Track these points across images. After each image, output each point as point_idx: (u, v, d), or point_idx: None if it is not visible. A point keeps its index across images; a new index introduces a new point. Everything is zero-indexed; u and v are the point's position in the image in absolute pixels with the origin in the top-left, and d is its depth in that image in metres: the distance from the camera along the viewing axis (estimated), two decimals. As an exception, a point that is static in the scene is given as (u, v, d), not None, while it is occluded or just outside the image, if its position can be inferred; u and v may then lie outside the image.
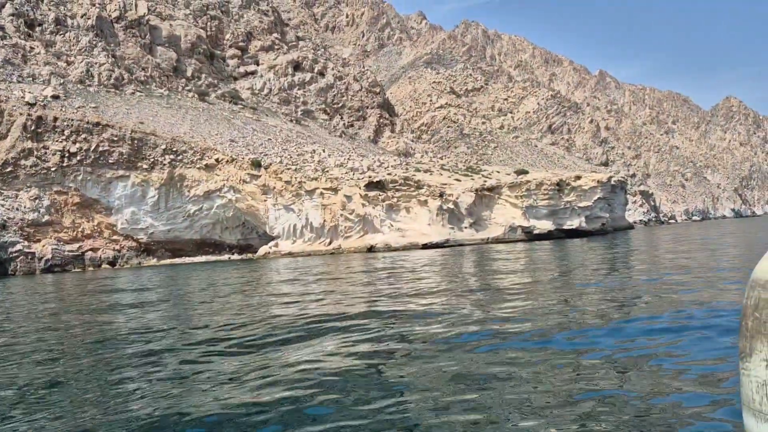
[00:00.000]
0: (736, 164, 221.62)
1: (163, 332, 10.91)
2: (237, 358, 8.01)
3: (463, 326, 9.23)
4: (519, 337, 8.19)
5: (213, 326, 11.25)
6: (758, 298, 2.09)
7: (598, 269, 19.63)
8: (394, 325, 9.83)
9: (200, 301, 17.25)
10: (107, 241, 56.90)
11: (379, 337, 8.81)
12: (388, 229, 48.17)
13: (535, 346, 7.52)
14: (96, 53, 67.05)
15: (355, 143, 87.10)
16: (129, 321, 13.35)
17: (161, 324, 12.24)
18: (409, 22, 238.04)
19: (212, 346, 9.01)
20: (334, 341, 8.73)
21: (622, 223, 75.18)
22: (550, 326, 8.83)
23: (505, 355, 7.17)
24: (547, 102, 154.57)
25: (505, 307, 11.13)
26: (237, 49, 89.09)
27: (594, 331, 8.30)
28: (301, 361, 7.44)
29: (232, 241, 62.74)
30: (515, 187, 52.47)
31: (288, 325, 10.68)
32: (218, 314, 13.39)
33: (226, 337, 9.75)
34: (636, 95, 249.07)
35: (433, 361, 7.00)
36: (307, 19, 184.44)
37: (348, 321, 10.57)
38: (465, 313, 10.68)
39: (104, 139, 56.21)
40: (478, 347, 7.63)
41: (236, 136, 65.64)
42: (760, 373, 2.05)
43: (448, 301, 12.88)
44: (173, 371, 7.46)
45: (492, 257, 30.00)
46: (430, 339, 8.38)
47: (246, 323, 11.22)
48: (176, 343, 9.62)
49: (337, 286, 19.20)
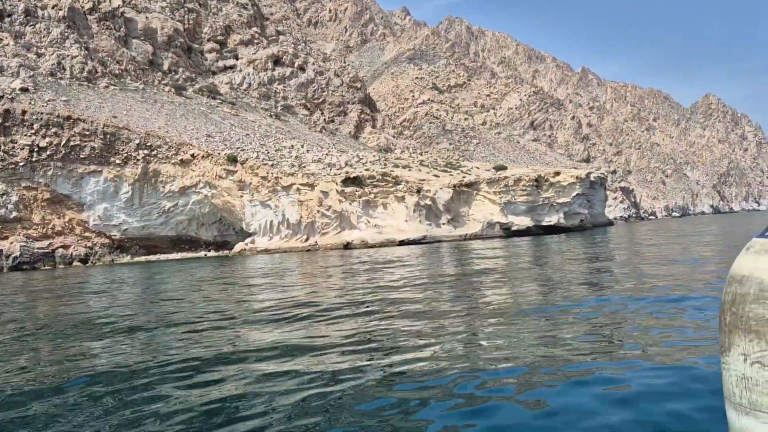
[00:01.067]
0: (715, 161, 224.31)
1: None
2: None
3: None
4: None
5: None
6: (735, 294, 2.12)
7: (574, 272, 19.24)
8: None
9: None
10: (79, 238, 55.62)
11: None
12: (365, 225, 47.56)
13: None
14: (68, 45, 65.48)
15: (335, 139, 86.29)
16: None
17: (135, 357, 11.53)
18: (393, 17, 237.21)
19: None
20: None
21: (601, 219, 75.27)
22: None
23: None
24: (530, 98, 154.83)
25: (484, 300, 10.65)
26: (215, 43, 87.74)
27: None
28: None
29: (208, 238, 61.72)
30: (493, 183, 52.09)
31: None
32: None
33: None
34: (618, 92, 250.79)
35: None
36: (290, 14, 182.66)
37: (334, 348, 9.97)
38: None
39: (75, 134, 54.89)
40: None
41: (213, 131, 64.57)
42: (738, 367, 2.08)
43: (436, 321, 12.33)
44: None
45: (469, 256, 29.57)
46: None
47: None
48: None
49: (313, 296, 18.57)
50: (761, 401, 2.05)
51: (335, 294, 14.87)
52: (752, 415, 2.08)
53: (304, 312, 11.12)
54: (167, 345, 8.83)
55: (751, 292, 2.09)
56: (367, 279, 18.54)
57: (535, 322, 8.58)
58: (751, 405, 2.08)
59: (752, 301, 2.08)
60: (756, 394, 2.06)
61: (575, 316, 8.81)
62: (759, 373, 2.04)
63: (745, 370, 2.08)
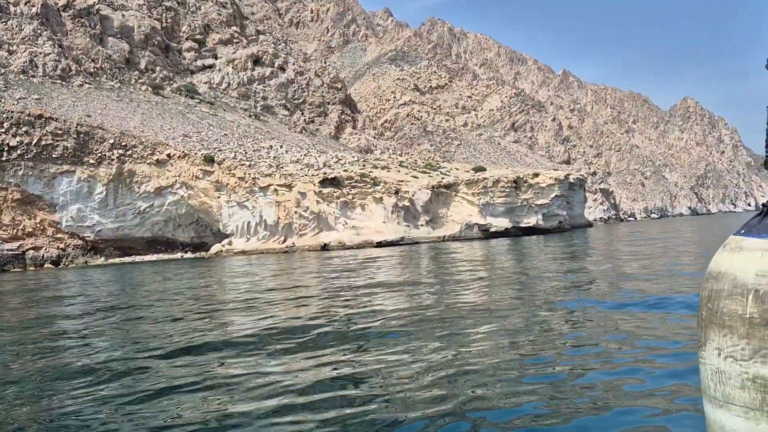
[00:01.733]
0: (693, 163, 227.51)
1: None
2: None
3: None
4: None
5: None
6: (711, 290, 2.18)
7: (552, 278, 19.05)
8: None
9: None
10: (51, 240, 54.43)
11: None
12: (343, 226, 47.11)
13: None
14: (41, 43, 64.15)
15: (315, 139, 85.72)
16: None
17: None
18: (375, 18, 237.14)
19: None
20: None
21: (581, 220, 75.64)
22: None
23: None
24: (511, 100, 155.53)
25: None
26: (194, 42, 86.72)
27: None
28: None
29: (185, 239, 60.81)
30: (472, 185, 51.95)
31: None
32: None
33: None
34: (598, 95, 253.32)
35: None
36: (271, 13, 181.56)
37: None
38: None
39: (47, 133, 53.74)
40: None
41: (190, 130, 63.68)
42: (713, 361, 2.14)
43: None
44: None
45: (446, 260, 29.32)
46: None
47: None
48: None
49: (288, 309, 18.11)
50: (733, 394, 2.10)
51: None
52: (725, 408, 2.13)
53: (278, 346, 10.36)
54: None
55: (725, 288, 2.14)
56: (344, 301, 18.13)
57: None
58: (724, 398, 2.13)
59: (726, 296, 2.13)
60: (729, 388, 2.11)
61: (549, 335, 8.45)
62: (731, 367, 2.09)
63: (719, 364, 2.13)
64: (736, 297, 2.11)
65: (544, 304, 10.38)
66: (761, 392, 2.04)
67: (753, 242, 2.20)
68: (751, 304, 2.07)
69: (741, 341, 2.08)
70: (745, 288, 2.10)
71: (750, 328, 2.07)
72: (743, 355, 2.07)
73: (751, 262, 2.13)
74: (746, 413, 2.08)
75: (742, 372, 2.07)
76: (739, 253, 2.18)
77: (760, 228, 2.24)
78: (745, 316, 2.08)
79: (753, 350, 2.06)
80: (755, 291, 2.07)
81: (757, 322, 2.05)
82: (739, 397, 2.09)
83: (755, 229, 2.25)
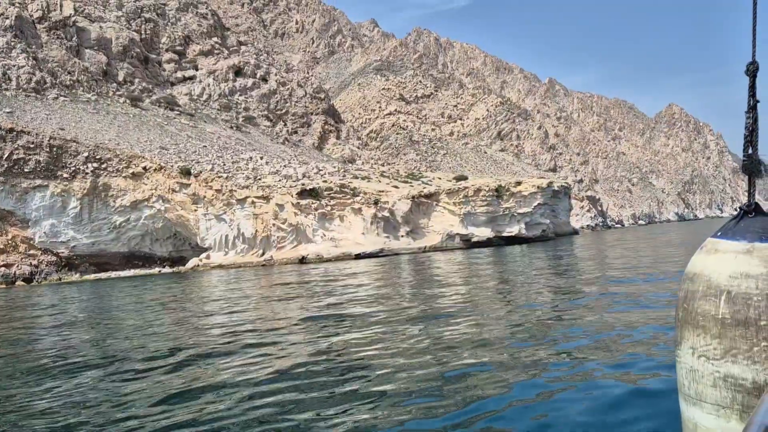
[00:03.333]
0: (679, 169, 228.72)
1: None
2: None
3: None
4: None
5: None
6: (687, 291, 2.26)
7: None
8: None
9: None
10: (23, 256, 52.98)
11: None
12: (321, 238, 46.09)
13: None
14: (14, 55, 62.97)
15: (298, 150, 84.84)
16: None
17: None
18: (362, 29, 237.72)
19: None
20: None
21: (566, 228, 75.03)
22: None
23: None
24: (496, 109, 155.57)
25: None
26: (174, 54, 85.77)
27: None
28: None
29: (163, 254, 59.51)
30: (453, 194, 51.12)
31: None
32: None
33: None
34: (584, 102, 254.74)
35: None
36: (256, 25, 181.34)
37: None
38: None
39: (19, 147, 52.50)
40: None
41: (168, 143, 62.59)
42: (687, 360, 2.23)
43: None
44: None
45: (427, 274, 28.45)
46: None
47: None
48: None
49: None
50: (706, 392, 2.16)
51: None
52: (698, 406, 2.20)
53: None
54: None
55: (700, 290, 2.20)
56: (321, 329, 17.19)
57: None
58: (697, 396, 2.20)
59: (700, 297, 2.19)
60: (701, 386, 2.17)
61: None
62: (704, 366, 2.16)
63: (693, 363, 2.20)
64: (710, 298, 2.15)
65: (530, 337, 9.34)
66: (732, 390, 2.09)
67: (728, 245, 2.24)
68: (724, 305, 2.12)
69: (713, 341, 2.13)
70: (718, 289, 2.14)
71: (722, 328, 2.11)
72: (715, 354, 2.13)
73: (724, 264, 2.17)
74: (717, 411, 2.12)
75: (714, 371, 2.13)
76: (714, 255, 2.23)
77: (735, 231, 2.28)
78: (717, 317, 2.12)
79: (724, 350, 2.11)
80: (728, 292, 2.12)
81: (729, 323, 2.10)
82: (711, 395, 2.14)
83: (731, 232, 2.29)
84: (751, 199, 2.46)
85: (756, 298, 2.08)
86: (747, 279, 2.12)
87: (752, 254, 2.16)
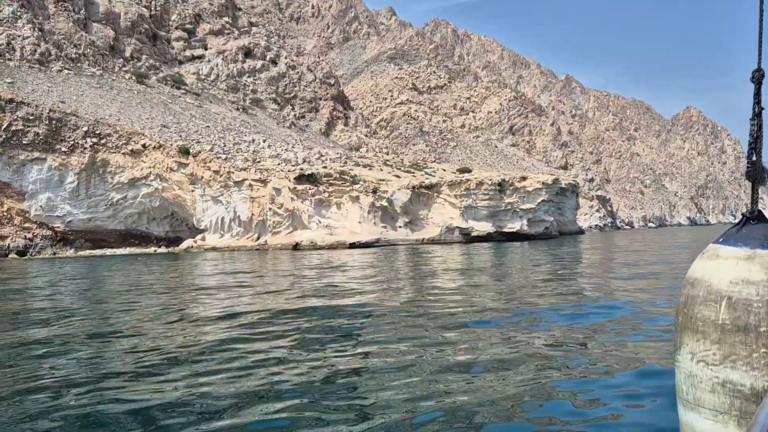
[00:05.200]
0: (693, 173, 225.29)
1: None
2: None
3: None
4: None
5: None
6: (687, 296, 2.26)
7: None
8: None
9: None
10: (18, 229, 52.50)
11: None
12: (316, 225, 45.08)
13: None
14: (20, 25, 62.24)
15: (304, 135, 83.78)
16: None
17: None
18: (379, 17, 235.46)
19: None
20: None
21: (571, 227, 73.52)
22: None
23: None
24: (510, 103, 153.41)
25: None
26: (183, 32, 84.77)
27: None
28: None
29: (160, 233, 58.86)
30: (455, 186, 49.82)
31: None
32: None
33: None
34: (600, 101, 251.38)
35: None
36: (271, 8, 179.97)
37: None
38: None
39: (18, 118, 51.84)
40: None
41: (170, 121, 61.75)
42: (686, 365, 2.22)
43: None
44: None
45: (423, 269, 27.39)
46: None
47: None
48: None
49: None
50: (704, 398, 2.15)
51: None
52: (696, 411, 2.19)
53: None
54: None
55: (700, 295, 2.20)
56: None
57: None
58: (696, 401, 2.19)
59: (701, 303, 2.19)
60: (700, 391, 2.17)
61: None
62: (703, 371, 2.15)
63: (692, 368, 2.19)
64: (710, 303, 2.15)
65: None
66: (730, 396, 2.09)
67: (729, 250, 2.23)
68: (724, 311, 2.12)
69: (713, 346, 2.13)
70: (719, 295, 2.15)
71: (722, 333, 2.12)
72: (714, 359, 2.13)
73: (725, 270, 2.17)
74: (715, 416, 2.12)
75: (712, 376, 2.13)
76: (715, 260, 2.22)
77: (737, 237, 2.27)
78: (717, 322, 2.13)
79: (724, 355, 2.11)
80: (728, 298, 2.13)
81: (729, 329, 2.11)
82: (709, 401, 2.14)
83: (733, 238, 2.28)
84: (753, 206, 2.44)
85: (756, 305, 2.09)
86: (748, 285, 2.12)
87: (754, 261, 2.16)
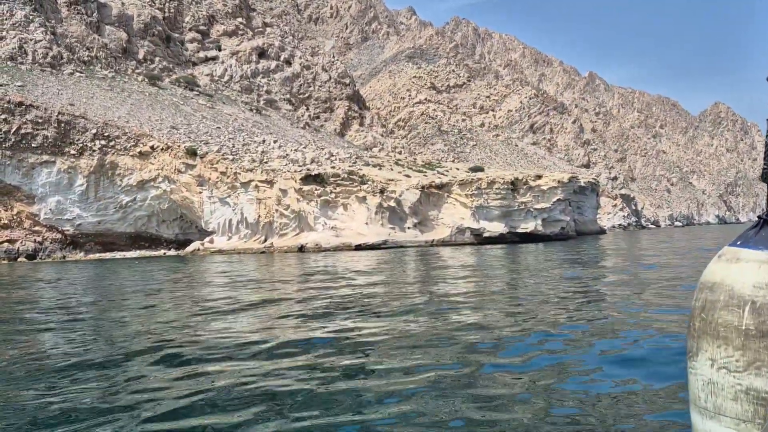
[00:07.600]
0: (722, 170, 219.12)
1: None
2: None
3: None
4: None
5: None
6: (705, 300, 2.17)
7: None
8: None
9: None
10: (27, 232, 52.46)
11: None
12: (322, 227, 43.95)
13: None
14: (32, 29, 62.45)
15: (318, 135, 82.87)
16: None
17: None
18: (399, 17, 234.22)
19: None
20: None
21: (591, 227, 71.25)
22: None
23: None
24: (530, 101, 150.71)
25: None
26: (197, 33, 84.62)
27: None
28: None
29: (170, 236, 58.42)
30: (466, 185, 48.20)
31: None
32: None
33: None
34: (625, 98, 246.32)
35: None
36: (290, 9, 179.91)
37: None
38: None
39: (27, 121, 51.82)
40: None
41: (180, 122, 61.29)
42: (705, 372, 2.14)
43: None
44: None
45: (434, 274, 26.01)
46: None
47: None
48: None
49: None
50: (725, 406, 2.08)
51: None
52: (716, 419, 2.10)
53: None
54: None
55: (721, 299, 2.12)
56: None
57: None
58: (716, 409, 2.11)
59: (722, 307, 2.11)
60: (721, 399, 2.09)
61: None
62: (725, 378, 2.08)
63: (712, 375, 2.11)
64: (732, 308, 2.07)
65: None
66: (754, 404, 2.02)
67: (750, 254, 2.14)
68: (748, 316, 2.05)
69: (736, 353, 2.06)
70: (741, 299, 2.08)
71: (745, 339, 2.05)
72: (737, 366, 2.05)
73: (748, 274, 2.10)
74: (737, 425, 2.06)
75: (735, 383, 2.05)
76: (736, 264, 2.13)
77: (757, 240, 2.20)
78: (741, 328, 2.05)
79: (747, 362, 2.04)
80: (752, 302, 2.06)
81: (753, 334, 2.03)
82: (732, 409, 2.06)
83: (752, 240, 2.20)
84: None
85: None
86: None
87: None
